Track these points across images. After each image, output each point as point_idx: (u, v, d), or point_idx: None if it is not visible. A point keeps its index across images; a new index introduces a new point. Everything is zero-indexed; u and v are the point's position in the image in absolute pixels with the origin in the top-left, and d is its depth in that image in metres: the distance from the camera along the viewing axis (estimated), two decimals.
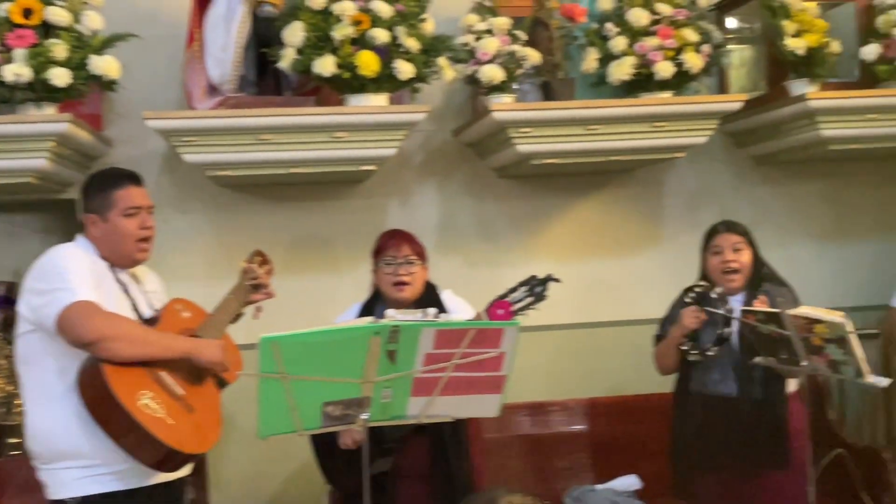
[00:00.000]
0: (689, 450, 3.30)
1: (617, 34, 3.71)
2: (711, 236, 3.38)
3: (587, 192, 4.29)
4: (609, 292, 4.30)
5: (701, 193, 4.38)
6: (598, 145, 3.69)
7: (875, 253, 4.48)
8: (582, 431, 3.93)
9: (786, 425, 3.16)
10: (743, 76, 4.45)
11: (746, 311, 3.00)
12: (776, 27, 3.75)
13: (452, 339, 2.26)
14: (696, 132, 3.78)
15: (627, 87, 3.76)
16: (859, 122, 3.81)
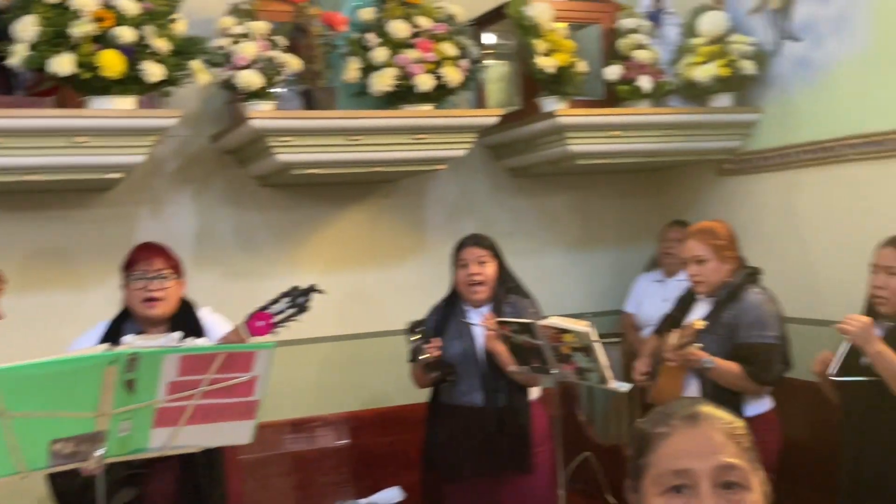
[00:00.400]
0: (438, 460, 3.35)
1: (378, 45, 3.71)
2: (459, 250, 3.46)
3: (351, 202, 4.25)
4: (373, 303, 4.29)
5: (461, 204, 4.48)
6: (360, 156, 3.67)
7: (616, 261, 4.80)
8: (344, 446, 3.89)
9: (528, 431, 3.28)
10: (500, 91, 4.61)
11: (502, 322, 3.08)
12: (527, 46, 3.90)
13: (199, 364, 2.13)
14: (456, 145, 3.85)
15: (389, 99, 3.76)
16: (604, 138, 4.05)
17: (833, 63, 3.79)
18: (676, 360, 3.13)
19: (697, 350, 3.08)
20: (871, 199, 3.65)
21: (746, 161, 4.29)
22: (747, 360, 3.10)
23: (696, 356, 3.08)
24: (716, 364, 3.09)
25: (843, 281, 3.69)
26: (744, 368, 3.09)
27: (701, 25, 4.22)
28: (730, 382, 3.12)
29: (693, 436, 1.25)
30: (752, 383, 3.11)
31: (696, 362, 3.10)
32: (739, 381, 3.11)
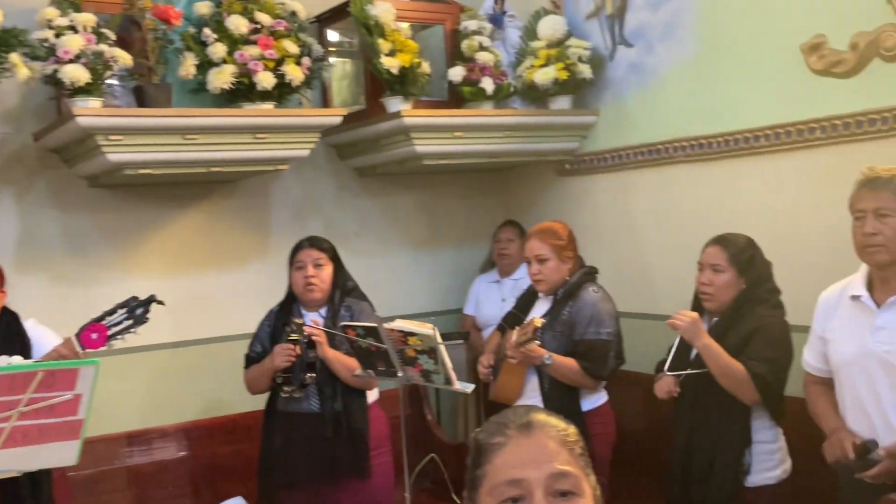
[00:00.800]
0: (275, 468, 3.28)
1: (215, 41, 3.58)
2: (295, 252, 3.40)
3: (189, 203, 4.10)
4: (213, 307, 4.15)
5: (306, 204, 4.40)
6: (198, 155, 3.53)
7: (462, 260, 4.85)
8: (184, 457, 3.74)
9: (365, 435, 3.27)
10: (345, 89, 4.57)
11: (347, 327, 3.04)
12: (371, 45, 3.87)
13: (16, 384, 1.98)
14: (299, 145, 3.78)
15: (228, 96, 3.64)
16: (448, 139, 4.08)
17: (662, 69, 3.96)
18: (517, 357, 3.20)
19: (537, 347, 3.15)
20: (699, 199, 3.85)
21: (584, 162, 4.43)
22: (584, 355, 3.20)
23: (536, 353, 3.15)
24: (554, 360, 3.17)
25: (673, 277, 3.88)
26: (580, 364, 3.19)
27: (540, 29, 4.32)
28: (567, 378, 3.21)
29: (527, 445, 1.26)
30: (589, 378, 3.22)
31: (536, 359, 3.18)
32: (576, 377, 3.21)
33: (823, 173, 3.32)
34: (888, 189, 2.35)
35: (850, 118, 3.21)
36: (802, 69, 3.37)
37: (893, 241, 2.34)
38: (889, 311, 2.39)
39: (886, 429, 2.37)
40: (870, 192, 2.38)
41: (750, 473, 2.79)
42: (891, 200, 2.34)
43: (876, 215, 2.36)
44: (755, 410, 2.80)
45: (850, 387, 2.47)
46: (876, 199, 2.36)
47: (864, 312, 2.45)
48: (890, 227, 2.34)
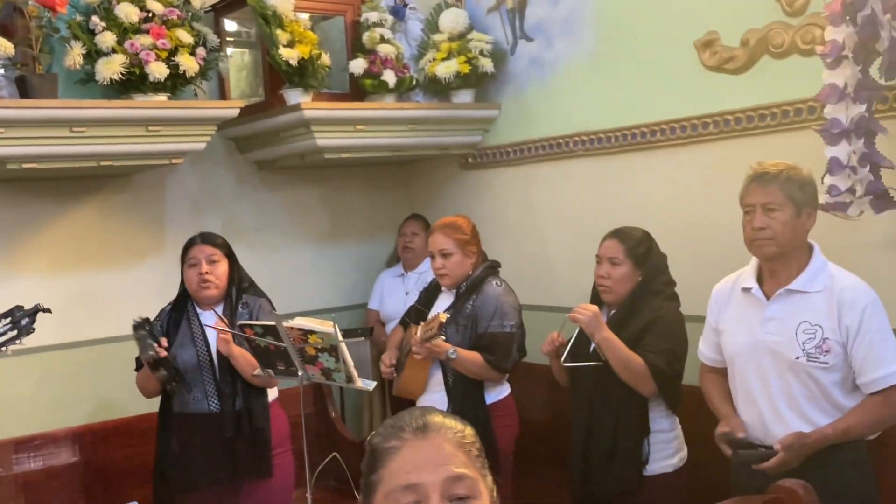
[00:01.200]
0: (172, 472, 3.19)
1: (104, 29, 3.44)
2: (188, 248, 3.30)
3: (79, 198, 3.92)
4: (106, 306, 3.98)
5: (204, 198, 4.28)
6: (86, 149, 3.38)
7: (365, 254, 4.81)
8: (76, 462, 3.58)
9: (267, 434, 3.21)
10: (243, 80, 4.46)
11: (244, 325, 2.97)
12: (269, 36, 3.78)
13: None
14: (194, 138, 3.66)
15: (119, 87, 3.50)
16: (350, 132, 4.03)
17: (562, 64, 4.01)
18: (422, 352, 3.19)
19: (442, 342, 3.15)
20: (598, 192, 3.91)
21: (486, 155, 4.45)
22: (488, 349, 3.22)
23: (442, 347, 3.15)
24: (459, 354, 3.18)
25: (574, 270, 3.93)
26: (484, 357, 3.21)
27: (442, 22, 4.31)
28: (472, 371, 3.22)
29: (422, 448, 1.24)
30: (493, 371, 3.24)
31: (441, 353, 3.17)
32: (481, 370, 3.22)
33: (717, 167, 3.42)
34: (776, 184, 2.42)
35: (741, 113, 3.31)
36: (696, 65, 3.45)
37: (781, 234, 2.41)
38: (777, 302, 2.47)
39: (776, 417, 2.45)
40: (758, 186, 2.45)
41: (649, 462, 2.85)
42: (778, 195, 2.41)
43: (764, 210, 2.43)
44: (652, 400, 2.87)
45: (742, 376, 2.55)
46: (764, 194, 2.43)
47: (754, 304, 2.53)
48: (778, 221, 2.41)
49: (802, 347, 2.39)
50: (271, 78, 4.06)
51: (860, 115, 2.67)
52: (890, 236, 2.88)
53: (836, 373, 2.38)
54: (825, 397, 2.40)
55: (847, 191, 2.71)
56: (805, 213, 2.43)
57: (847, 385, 2.39)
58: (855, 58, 2.66)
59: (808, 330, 2.39)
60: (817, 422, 2.39)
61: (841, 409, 2.39)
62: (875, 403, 2.36)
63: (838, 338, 2.36)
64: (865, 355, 2.34)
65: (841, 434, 2.35)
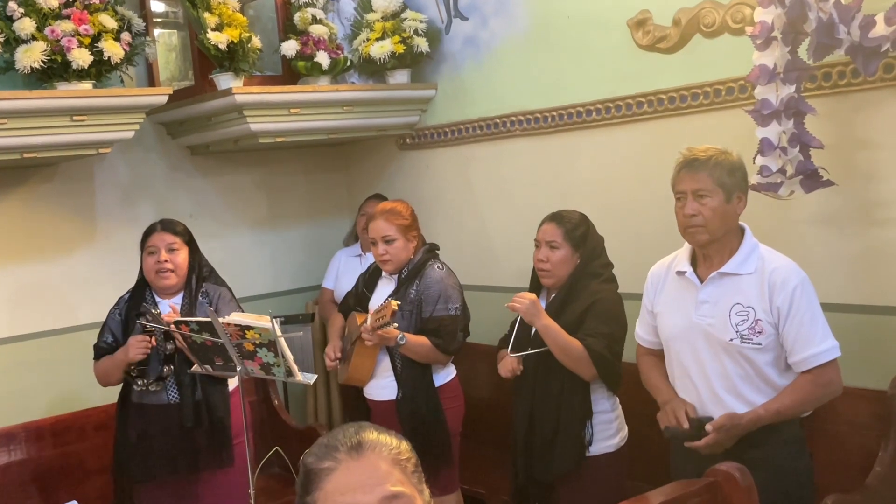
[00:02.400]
0: (131, 462, 3.14)
1: (22, 15, 3.31)
2: (147, 236, 3.22)
3: (3, 190, 3.80)
4: (44, 298, 3.90)
5: (136, 186, 4.18)
6: (8, 141, 3.28)
7: (307, 236, 4.75)
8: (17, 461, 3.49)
9: (227, 424, 3.17)
10: (172, 63, 4.33)
11: (179, 322, 2.90)
12: (196, 20, 3.68)
13: None
14: (122, 126, 3.55)
15: (40, 76, 3.38)
16: (284, 116, 3.95)
17: (496, 43, 3.98)
18: (374, 340, 3.16)
19: (393, 329, 3.12)
20: (535, 172, 3.91)
21: (424, 136, 4.41)
22: (434, 332, 3.22)
23: (392, 334, 3.13)
24: (408, 340, 3.18)
25: (514, 249, 3.94)
26: (432, 341, 3.21)
27: (376, 1, 4.23)
28: (420, 355, 3.23)
29: (357, 468, 1.23)
30: (440, 354, 3.25)
31: (391, 340, 3.16)
32: (429, 354, 3.23)
33: (651, 146, 3.44)
34: (705, 170, 2.44)
35: (674, 92, 3.33)
36: (630, 45, 3.46)
37: (712, 221, 2.44)
38: (711, 285, 2.50)
39: (712, 398, 2.50)
40: (688, 173, 2.47)
41: (591, 444, 2.89)
42: (708, 181, 2.43)
43: (695, 196, 2.45)
44: (594, 383, 2.89)
45: (678, 359, 2.58)
46: (694, 181, 2.45)
47: (688, 287, 2.56)
48: (708, 207, 2.43)
49: (736, 329, 2.43)
50: (201, 61, 3.95)
51: (790, 95, 2.70)
52: (820, 215, 2.94)
53: (769, 353, 2.42)
54: (760, 377, 2.44)
55: (778, 171, 2.75)
56: (735, 198, 2.46)
57: (780, 364, 2.44)
58: (784, 38, 2.68)
59: (740, 312, 2.43)
60: (753, 401, 2.43)
61: (776, 389, 2.44)
62: (806, 382, 2.41)
63: (770, 318, 2.40)
64: (796, 335, 2.38)
65: (773, 414, 2.40)
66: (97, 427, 3.58)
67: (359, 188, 4.73)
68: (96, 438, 3.56)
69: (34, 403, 3.77)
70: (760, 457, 2.40)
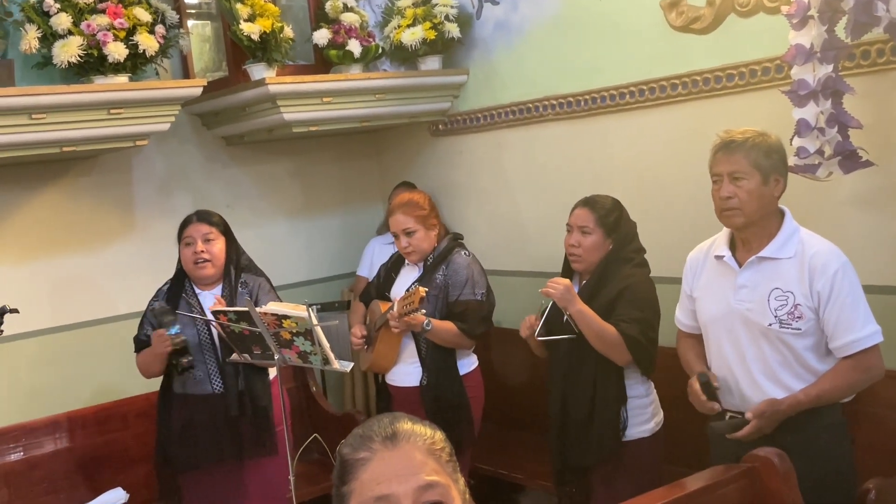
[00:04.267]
0: (174, 451, 3.20)
1: (59, 11, 3.35)
2: (184, 227, 3.27)
3: (44, 183, 3.86)
4: (85, 289, 3.97)
5: (172, 177, 4.23)
6: (47, 136, 3.32)
7: (342, 224, 4.78)
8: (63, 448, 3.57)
9: (270, 413, 3.21)
10: (206, 54, 4.37)
11: (217, 312, 2.94)
12: (229, 11, 3.70)
13: None
14: (158, 118, 3.60)
15: (78, 70, 3.43)
16: (317, 105, 3.97)
17: (528, 27, 3.96)
18: (401, 326, 3.19)
19: (420, 315, 3.15)
20: (568, 156, 3.89)
21: (457, 122, 4.41)
22: (460, 316, 3.25)
23: (418, 320, 3.15)
24: (434, 325, 3.20)
25: (547, 234, 3.92)
26: (457, 326, 3.23)
27: None
28: (446, 340, 3.25)
29: (392, 458, 1.24)
30: (466, 339, 3.27)
31: (417, 326, 3.18)
32: (455, 338, 3.25)
33: (686, 128, 3.40)
34: (741, 152, 2.41)
35: (709, 73, 3.29)
36: (663, 26, 3.42)
37: (748, 203, 2.41)
38: (749, 270, 2.47)
39: (751, 384, 2.47)
40: (724, 155, 2.44)
41: (626, 429, 2.88)
42: (744, 163, 2.40)
43: (731, 178, 2.42)
44: (628, 368, 2.88)
45: (716, 343, 2.56)
46: (730, 163, 2.42)
47: (726, 272, 2.53)
48: (744, 189, 2.40)
49: (775, 314, 2.40)
50: (234, 52, 3.98)
51: (827, 75, 2.66)
52: (859, 196, 2.89)
53: (809, 338, 2.39)
54: (799, 363, 2.41)
55: (816, 152, 2.71)
56: (772, 180, 2.42)
57: (820, 350, 2.41)
58: (821, 17, 2.63)
59: (779, 297, 2.40)
60: (792, 387, 2.41)
61: (815, 374, 2.41)
62: (847, 367, 2.38)
63: (810, 303, 2.37)
64: (837, 320, 2.35)
65: (813, 399, 2.37)
66: (139, 415, 3.65)
67: (392, 175, 4.74)
68: (138, 426, 3.63)
69: (77, 393, 3.84)
70: (801, 442, 2.37)
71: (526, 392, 3.84)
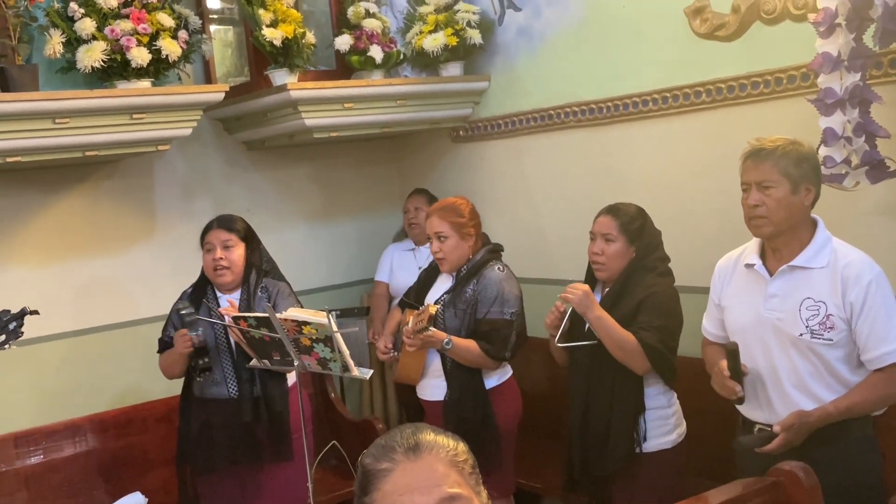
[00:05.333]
0: (191, 453, 3.21)
1: (83, 16, 3.37)
2: (205, 233, 3.27)
3: (67, 186, 3.88)
4: (107, 292, 3.97)
5: (193, 181, 4.24)
6: (70, 140, 3.34)
7: (360, 230, 4.77)
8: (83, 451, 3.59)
9: (286, 419, 3.20)
10: (228, 59, 4.39)
11: (238, 318, 2.94)
12: (252, 16, 3.71)
13: None
14: (180, 124, 3.60)
15: (101, 75, 3.45)
16: (338, 111, 3.96)
17: (550, 33, 3.93)
18: (415, 343, 3.10)
19: (436, 331, 3.08)
20: (591, 163, 3.86)
21: (478, 128, 4.39)
22: (486, 335, 3.14)
23: (436, 337, 3.07)
24: (454, 344, 3.10)
25: (569, 241, 3.90)
26: (481, 346, 3.13)
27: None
28: (467, 360, 3.15)
29: (414, 469, 1.23)
30: (489, 361, 3.17)
31: (436, 343, 3.09)
32: (477, 359, 3.16)
33: (710, 136, 3.37)
34: (770, 160, 2.38)
35: (733, 81, 3.26)
36: (687, 33, 3.39)
37: (776, 212, 2.37)
38: (780, 279, 2.43)
39: (780, 394, 2.44)
40: (753, 163, 2.41)
41: (646, 440, 2.85)
42: (773, 172, 2.37)
43: (759, 187, 2.39)
44: (648, 377, 2.85)
45: (746, 353, 2.52)
46: (758, 171, 2.39)
47: (757, 280, 2.50)
48: (773, 198, 2.37)
49: (806, 324, 2.36)
50: (256, 57, 4.00)
51: (854, 83, 2.62)
52: (887, 206, 2.85)
53: (841, 349, 2.35)
54: (830, 373, 2.37)
55: (842, 162, 2.67)
56: (803, 189, 2.38)
57: (852, 361, 2.37)
58: (848, 25, 2.60)
59: (811, 307, 2.36)
60: (822, 398, 2.37)
61: (846, 386, 2.37)
62: (879, 380, 2.33)
63: (842, 314, 2.33)
64: (870, 331, 2.31)
65: (844, 411, 2.33)
66: (159, 419, 3.66)
67: (411, 181, 4.73)
68: (159, 430, 3.65)
69: (99, 396, 3.86)
70: (829, 455, 2.33)
71: (545, 400, 3.81)
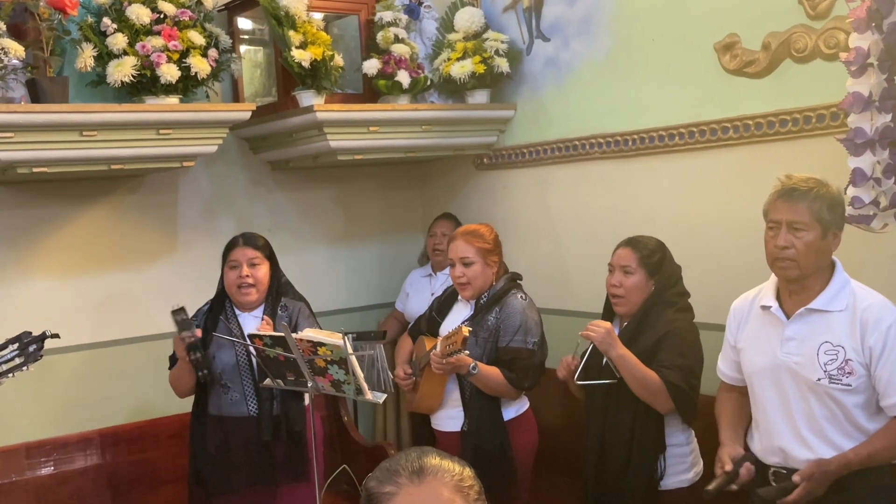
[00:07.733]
0: (208, 473, 3.18)
1: (115, 31, 3.41)
2: (229, 250, 3.27)
3: (91, 199, 3.90)
4: (127, 306, 3.98)
5: (217, 199, 4.25)
6: (97, 153, 3.35)
7: (381, 254, 4.77)
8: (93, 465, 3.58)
9: (304, 438, 3.17)
10: (256, 79, 4.42)
11: (253, 336, 2.92)
12: (282, 37, 3.73)
13: None
14: (206, 140, 3.62)
15: (130, 90, 3.47)
16: (363, 133, 3.97)
17: (578, 64, 3.93)
18: (445, 368, 3.05)
19: (465, 356, 3.03)
20: (614, 195, 3.84)
21: (502, 156, 4.38)
22: (508, 364, 3.11)
23: (464, 362, 3.02)
24: (480, 370, 3.06)
25: (590, 273, 3.86)
26: (504, 374, 3.10)
27: (457, 21, 4.25)
28: (489, 387, 3.12)
29: (419, 493, 1.20)
30: (511, 389, 3.13)
31: (463, 368, 3.04)
32: (500, 387, 3.12)
33: (736, 173, 3.34)
34: (804, 202, 2.31)
35: (762, 118, 3.23)
36: (716, 68, 3.37)
37: (804, 256, 2.32)
38: (798, 322, 2.39)
39: (797, 439, 2.38)
40: (786, 202, 2.35)
41: (664, 477, 2.80)
42: (806, 215, 2.31)
43: (790, 228, 2.33)
44: (668, 415, 2.80)
45: (761, 397, 2.47)
46: (791, 212, 2.33)
47: (773, 323, 2.45)
48: (803, 241, 2.31)
49: (824, 369, 2.31)
50: (284, 78, 4.01)
51: (885, 124, 2.59)
52: None
53: (860, 395, 2.30)
54: (848, 420, 2.32)
55: (871, 203, 2.63)
56: (831, 235, 2.34)
57: (871, 407, 2.31)
58: (881, 66, 2.58)
59: (829, 351, 2.31)
60: (840, 445, 2.31)
61: (864, 432, 2.32)
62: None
63: (861, 359, 2.28)
64: (889, 377, 2.25)
65: (864, 459, 2.27)
66: (171, 436, 3.65)
67: (434, 207, 4.72)
68: (170, 447, 3.63)
69: (113, 410, 3.85)
70: (845, 503, 2.27)
71: (562, 434, 3.76)
